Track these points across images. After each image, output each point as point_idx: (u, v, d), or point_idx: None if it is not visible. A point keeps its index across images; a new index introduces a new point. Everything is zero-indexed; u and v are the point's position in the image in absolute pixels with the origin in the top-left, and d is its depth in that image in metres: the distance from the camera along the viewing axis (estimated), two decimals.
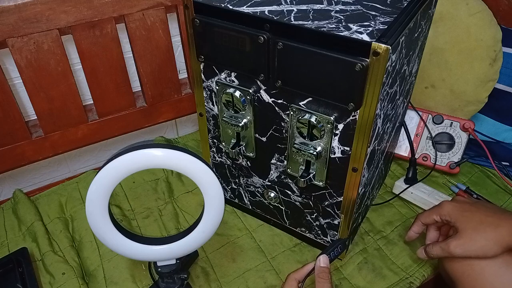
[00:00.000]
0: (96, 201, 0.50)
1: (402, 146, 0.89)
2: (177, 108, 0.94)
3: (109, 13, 0.76)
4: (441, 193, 0.80)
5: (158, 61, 0.87)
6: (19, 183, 0.93)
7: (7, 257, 0.69)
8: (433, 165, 0.86)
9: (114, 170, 0.49)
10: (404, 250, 0.73)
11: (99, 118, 0.86)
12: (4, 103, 0.75)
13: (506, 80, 0.88)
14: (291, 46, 0.52)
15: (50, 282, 0.68)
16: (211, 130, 0.72)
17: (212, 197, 0.54)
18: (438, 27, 0.84)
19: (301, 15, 0.53)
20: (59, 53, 0.76)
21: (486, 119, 0.93)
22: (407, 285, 0.68)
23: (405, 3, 0.56)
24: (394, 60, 0.51)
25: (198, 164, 0.51)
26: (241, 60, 0.58)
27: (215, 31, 0.57)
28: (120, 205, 0.82)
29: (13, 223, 0.79)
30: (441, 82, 0.87)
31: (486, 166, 0.89)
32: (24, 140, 0.80)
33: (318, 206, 0.67)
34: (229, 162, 0.74)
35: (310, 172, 0.63)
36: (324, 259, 0.59)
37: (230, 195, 0.80)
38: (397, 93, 0.63)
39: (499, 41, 0.83)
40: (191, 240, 0.57)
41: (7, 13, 0.68)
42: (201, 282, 0.69)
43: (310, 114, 0.57)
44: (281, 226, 0.77)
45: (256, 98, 0.61)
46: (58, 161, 0.95)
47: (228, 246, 0.74)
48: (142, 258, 0.59)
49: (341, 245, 0.63)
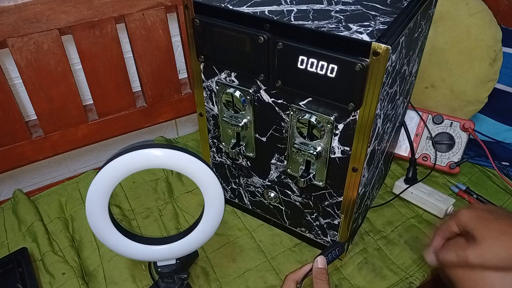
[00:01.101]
0: (96, 201, 0.50)
1: (402, 146, 0.89)
2: (177, 108, 0.94)
3: (109, 13, 0.76)
4: (441, 193, 0.80)
5: (158, 61, 0.87)
6: (19, 183, 0.93)
7: (7, 257, 0.69)
8: (433, 165, 0.86)
9: (114, 170, 0.49)
10: (404, 250, 0.73)
11: (99, 118, 0.86)
12: (4, 103, 0.75)
13: (506, 80, 0.88)
14: (291, 46, 0.52)
15: (50, 282, 0.68)
16: (211, 130, 0.72)
17: (212, 197, 0.54)
18: (438, 27, 0.84)
19: (301, 15, 0.53)
20: (59, 53, 0.76)
21: (486, 119, 0.93)
22: (407, 285, 0.68)
23: (405, 3, 0.56)
24: (394, 60, 0.51)
25: (198, 164, 0.51)
26: (241, 60, 0.58)
27: (215, 31, 0.57)
28: (120, 205, 0.82)
29: (13, 223, 0.79)
30: (441, 82, 0.87)
31: (486, 166, 0.89)
32: (24, 140, 0.80)
33: (318, 206, 0.67)
34: (229, 162, 0.74)
35: (310, 172, 0.63)
36: (322, 260, 0.58)
37: (230, 195, 0.80)
38: (397, 93, 0.64)
39: (499, 41, 0.83)
40: (191, 240, 0.57)
41: (7, 13, 0.68)
42: (201, 282, 0.69)
43: (310, 114, 0.57)
44: (281, 226, 0.77)
45: (256, 98, 0.61)
46: (58, 161, 0.95)
47: (228, 246, 0.74)
48: (142, 258, 0.59)
49: (339, 247, 0.62)
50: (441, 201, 0.78)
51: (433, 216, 0.79)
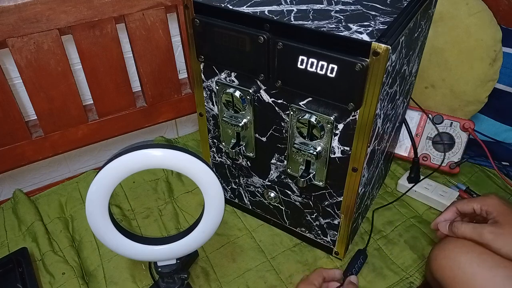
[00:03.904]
0: (96, 201, 0.50)
1: (402, 146, 0.89)
2: (177, 108, 0.94)
3: (109, 13, 0.76)
4: (445, 187, 0.81)
5: (158, 61, 0.87)
6: (19, 183, 0.93)
7: (7, 257, 0.69)
8: (433, 165, 0.86)
9: (114, 170, 0.49)
10: (404, 250, 0.73)
11: (99, 118, 0.86)
12: (4, 103, 0.75)
13: (506, 80, 0.88)
14: (291, 46, 0.52)
15: (50, 282, 0.68)
16: (211, 130, 0.72)
17: (212, 197, 0.54)
18: (438, 27, 0.84)
19: (301, 15, 0.53)
20: (59, 53, 0.76)
21: (486, 119, 0.93)
22: (407, 285, 0.68)
23: (405, 3, 0.56)
24: (394, 60, 0.51)
25: (198, 164, 0.51)
26: (241, 60, 0.58)
27: (215, 31, 0.57)
28: (120, 205, 0.82)
29: (13, 223, 0.79)
30: (441, 82, 0.87)
31: (486, 166, 0.89)
32: (24, 140, 0.80)
33: (318, 206, 0.67)
34: (229, 162, 0.74)
35: (310, 172, 0.63)
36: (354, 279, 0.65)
37: (230, 195, 0.80)
38: (397, 93, 0.64)
39: (499, 41, 0.83)
40: (191, 240, 0.57)
41: (7, 13, 0.68)
42: (201, 282, 0.69)
43: (310, 114, 0.57)
44: (281, 226, 0.77)
45: (256, 98, 0.61)
46: (58, 161, 0.95)
47: (228, 246, 0.74)
48: (142, 258, 0.59)
49: (363, 256, 0.70)
50: (444, 197, 0.79)
51: (434, 216, 0.79)
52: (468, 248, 0.58)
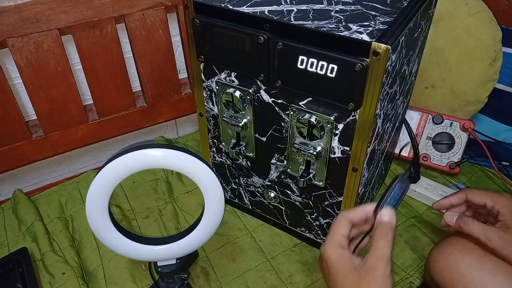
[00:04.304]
0: (96, 201, 0.50)
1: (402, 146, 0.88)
2: (177, 108, 0.94)
3: (109, 13, 0.76)
4: (445, 187, 0.81)
5: (158, 61, 0.87)
6: (19, 183, 0.93)
7: (7, 257, 0.69)
8: (433, 165, 0.86)
9: (114, 170, 0.49)
10: (404, 250, 0.73)
11: (99, 118, 0.86)
12: (4, 103, 0.75)
13: (506, 80, 0.88)
14: (291, 46, 0.52)
15: (50, 282, 0.68)
16: (211, 130, 0.72)
17: (212, 197, 0.54)
18: (438, 27, 0.84)
19: (301, 15, 0.53)
20: (59, 53, 0.76)
21: (486, 119, 0.93)
22: (407, 285, 0.68)
23: (405, 3, 0.56)
24: (394, 60, 0.51)
25: (198, 164, 0.51)
26: (241, 60, 0.58)
27: (215, 31, 0.57)
28: (120, 205, 0.82)
29: (13, 223, 0.79)
30: (441, 82, 0.87)
31: (486, 166, 0.89)
32: (24, 140, 0.80)
33: (318, 206, 0.67)
34: (229, 162, 0.74)
35: (310, 172, 0.63)
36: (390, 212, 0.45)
37: (230, 195, 0.80)
38: (397, 93, 0.63)
39: (499, 41, 0.83)
40: (191, 240, 0.57)
41: (7, 13, 0.68)
42: (201, 282, 0.69)
43: (310, 114, 0.57)
44: (281, 226, 0.77)
45: (256, 98, 0.61)
46: (58, 161, 0.95)
47: (228, 246, 0.74)
48: (142, 258, 0.59)
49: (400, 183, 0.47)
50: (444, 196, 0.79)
51: (434, 216, 0.79)
52: (467, 251, 0.58)
